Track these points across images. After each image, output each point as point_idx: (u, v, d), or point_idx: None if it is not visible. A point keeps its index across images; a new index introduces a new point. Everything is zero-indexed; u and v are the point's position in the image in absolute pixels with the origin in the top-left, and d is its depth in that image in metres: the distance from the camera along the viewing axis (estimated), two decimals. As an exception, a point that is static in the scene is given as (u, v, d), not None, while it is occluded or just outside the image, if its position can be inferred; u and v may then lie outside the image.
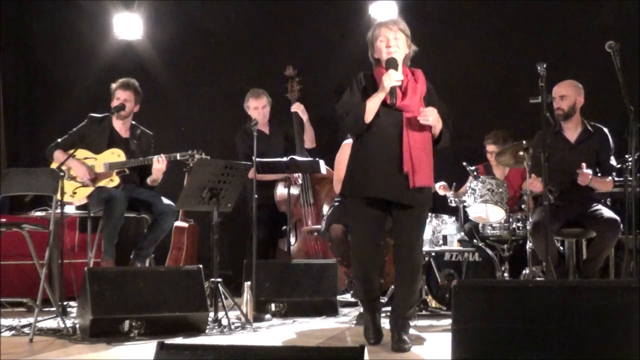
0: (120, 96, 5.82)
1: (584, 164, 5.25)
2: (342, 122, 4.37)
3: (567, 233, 5.47)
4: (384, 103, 4.18)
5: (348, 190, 4.39)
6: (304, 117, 6.66)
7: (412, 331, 4.78)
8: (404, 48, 4.28)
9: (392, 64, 4.19)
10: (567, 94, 5.41)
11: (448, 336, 2.90)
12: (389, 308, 4.73)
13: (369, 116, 4.17)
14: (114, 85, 5.91)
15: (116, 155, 5.78)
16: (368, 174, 4.23)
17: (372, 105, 4.17)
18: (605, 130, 5.50)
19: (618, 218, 5.23)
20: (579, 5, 7.23)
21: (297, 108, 6.64)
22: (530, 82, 4.95)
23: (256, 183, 5.67)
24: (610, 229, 5.21)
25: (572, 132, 5.49)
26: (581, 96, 5.45)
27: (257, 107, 6.65)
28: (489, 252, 5.87)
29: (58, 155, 5.69)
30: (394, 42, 4.24)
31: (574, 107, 5.43)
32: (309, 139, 6.72)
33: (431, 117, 4.15)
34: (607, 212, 5.31)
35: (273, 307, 5.63)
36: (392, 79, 4.12)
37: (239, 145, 6.60)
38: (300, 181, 6.56)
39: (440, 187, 6.24)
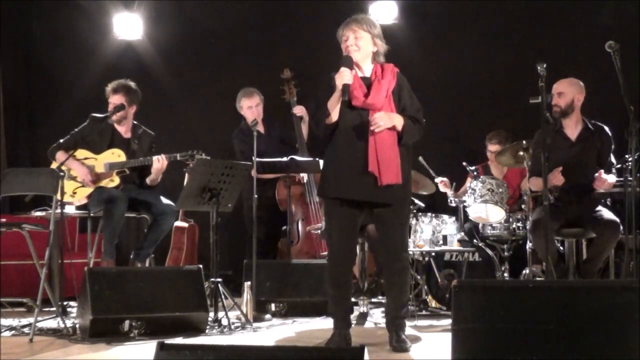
0: (112, 100, 5.81)
1: (602, 171, 5.24)
2: (312, 126, 4.44)
3: (567, 233, 5.46)
4: (349, 104, 4.20)
5: (321, 191, 4.43)
6: (306, 117, 6.59)
7: (412, 331, 4.79)
8: (366, 46, 4.29)
9: (345, 62, 4.21)
10: (565, 91, 5.41)
11: (448, 336, 2.90)
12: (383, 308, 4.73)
13: (332, 117, 4.20)
14: (107, 90, 5.89)
15: (116, 155, 5.78)
16: (337, 175, 4.25)
17: (331, 106, 4.19)
18: (606, 128, 5.50)
19: (618, 220, 5.23)
20: (579, 5, 7.24)
21: (301, 111, 6.60)
22: (530, 82, 4.95)
23: (256, 183, 5.67)
24: (610, 231, 5.20)
25: (572, 129, 5.49)
26: (580, 94, 5.44)
27: (251, 106, 6.62)
28: (489, 252, 5.87)
29: (60, 157, 5.68)
30: (353, 41, 4.26)
31: (572, 104, 5.42)
32: (305, 138, 6.68)
33: (381, 122, 4.14)
34: (608, 214, 5.30)
35: (273, 307, 5.63)
36: (343, 77, 4.13)
37: (237, 145, 6.58)
38: (305, 180, 6.54)
39: (440, 183, 6.24)
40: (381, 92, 4.23)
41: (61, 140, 5.81)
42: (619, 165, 5.44)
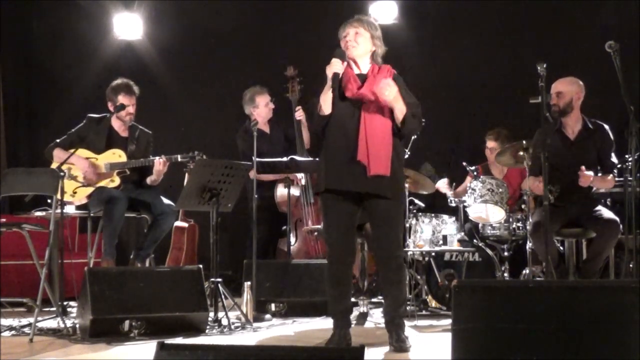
0: (128, 103, 5.79)
1: (583, 167, 5.23)
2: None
3: (567, 233, 5.46)
4: (342, 96, 4.23)
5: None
6: (303, 120, 6.61)
7: (412, 331, 4.79)
8: (365, 44, 4.32)
9: (337, 54, 4.25)
10: (563, 91, 5.40)
11: (448, 336, 2.90)
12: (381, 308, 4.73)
13: (323, 108, 4.22)
14: (113, 87, 5.85)
15: (117, 155, 5.78)
16: (328, 167, 4.27)
17: (322, 97, 4.22)
18: (606, 126, 5.49)
19: (618, 219, 5.23)
20: (579, 5, 7.24)
21: (301, 116, 6.61)
22: (530, 82, 4.95)
23: (256, 183, 5.67)
24: (610, 230, 5.20)
25: (571, 128, 5.48)
26: (580, 93, 5.43)
27: (268, 103, 6.63)
28: (489, 252, 5.87)
29: (58, 154, 5.68)
30: (352, 37, 4.30)
31: (571, 104, 5.42)
32: (305, 141, 6.70)
33: (387, 90, 4.13)
34: (607, 213, 5.30)
35: (273, 307, 5.63)
36: (333, 66, 4.18)
37: (241, 145, 6.58)
38: (303, 182, 6.54)
39: (443, 185, 6.24)
40: (374, 85, 4.25)
41: (58, 140, 5.81)
42: (619, 165, 5.44)
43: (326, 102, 4.21)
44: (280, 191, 6.46)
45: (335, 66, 4.18)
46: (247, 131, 6.54)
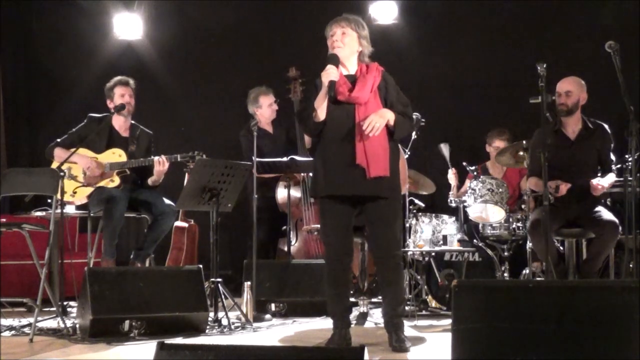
0: (124, 93, 5.80)
1: (592, 181, 5.24)
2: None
3: (567, 233, 5.46)
4: (335, 100, 4.21)
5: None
6: None
7: (412, 331, 4.79)
8: (352, 44, 4.30)
9: (331, 60, 4.23)
10: (572, 90, 5.38)
11: (448, 336, 2.90)
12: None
13: (318, 114, 4.20)
14: (110, 84, 5.87)
15: (117, 155, 5.78)
16: (326, 171, 4.25)
17: (318, 103, 4.20)
18: (606, 126, 5.49)
19: (617, 220, 5.22)
20: (579, 5, 7.24)
21: None
22: (530, 82, 4.95)
23: (257, 183, 5.67)
24: (609, 231, 5.19)
25: (572, 129, 5.48)
26: (584, 93, 5.43)
27: (271, 104, 6.63)
28: (489, 252, 5.87)
29: (59, 153, 5.68)
30: (339, 38, 4.28)
31: (577, 103, 5.41)
32: (306, 141, 6.70)
33: (376, 123, 4.12)
34: (607, 214, 5.29)
35: (273, 307, 5.63)
36: (329, 74, 4.16)
37: (244, 145, 6.57)
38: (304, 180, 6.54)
39: (453, 174, 6.25)
40: (366, 87, 4.24)
41: (58, 140, 5.81)
42: (619, 165, 5.43)
43: (321, 109, 4.20)
44: (281, 191, 6.46)
45: (331, 73, 4.15)
46: (250, 131, 6.54)
